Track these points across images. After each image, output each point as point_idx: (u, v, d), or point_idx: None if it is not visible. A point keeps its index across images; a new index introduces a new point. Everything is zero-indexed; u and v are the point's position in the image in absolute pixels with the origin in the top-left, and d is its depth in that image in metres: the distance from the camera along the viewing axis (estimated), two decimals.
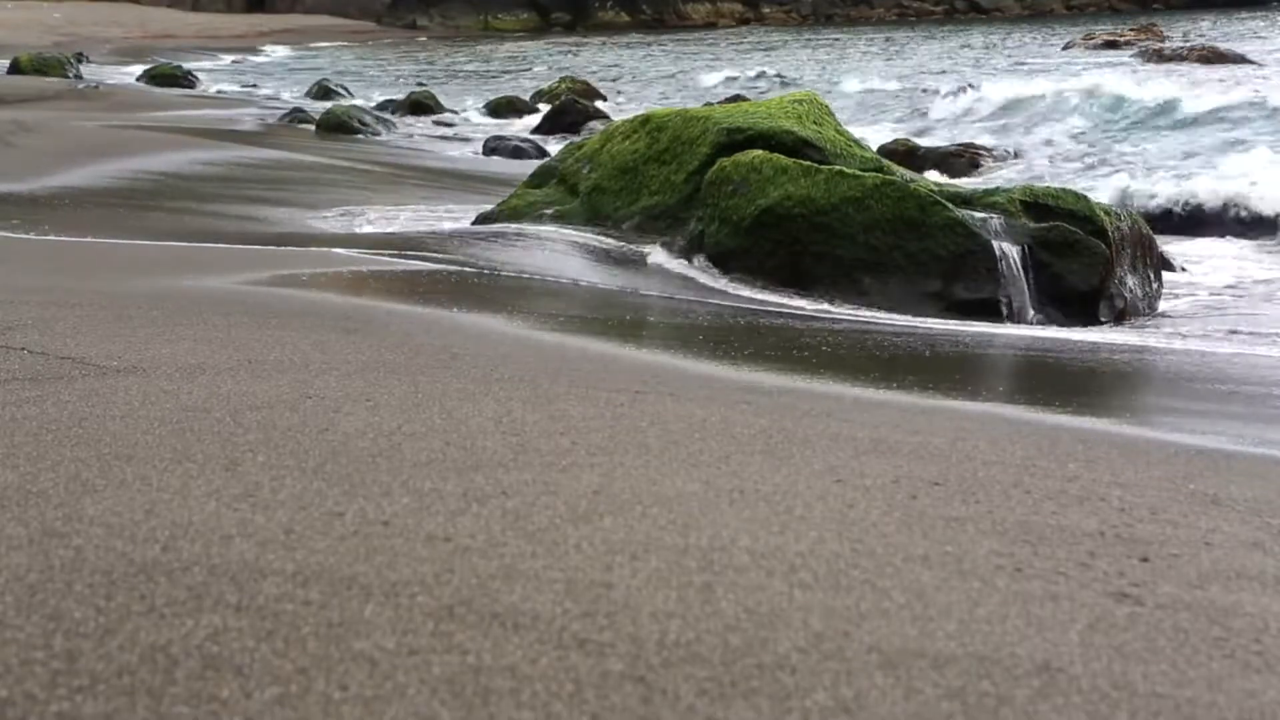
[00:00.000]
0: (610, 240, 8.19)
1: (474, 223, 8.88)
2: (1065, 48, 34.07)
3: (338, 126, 18.37)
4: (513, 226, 8.49)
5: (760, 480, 2.94)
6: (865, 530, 2.61)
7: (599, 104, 22.95)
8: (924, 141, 16.30)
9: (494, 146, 16.97)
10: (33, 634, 1.92)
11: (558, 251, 7.89)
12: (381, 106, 22.94)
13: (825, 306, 7.29)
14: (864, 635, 2.08)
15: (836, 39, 46.61)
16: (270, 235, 8.45)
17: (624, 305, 6.65)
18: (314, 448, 3.02)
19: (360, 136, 17.90)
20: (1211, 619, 2.26)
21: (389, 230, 9.16)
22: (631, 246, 8.12)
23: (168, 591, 2.10)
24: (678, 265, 7.88)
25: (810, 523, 2.63)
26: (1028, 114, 19.03)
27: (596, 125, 17.81)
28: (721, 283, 7.61)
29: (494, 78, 34.60)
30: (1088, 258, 7.63)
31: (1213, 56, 27.66)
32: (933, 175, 12.33)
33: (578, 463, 3.00)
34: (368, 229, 9.15)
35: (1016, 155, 15.50)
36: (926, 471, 3.12)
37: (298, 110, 20.50)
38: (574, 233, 8.28)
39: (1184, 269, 9.15)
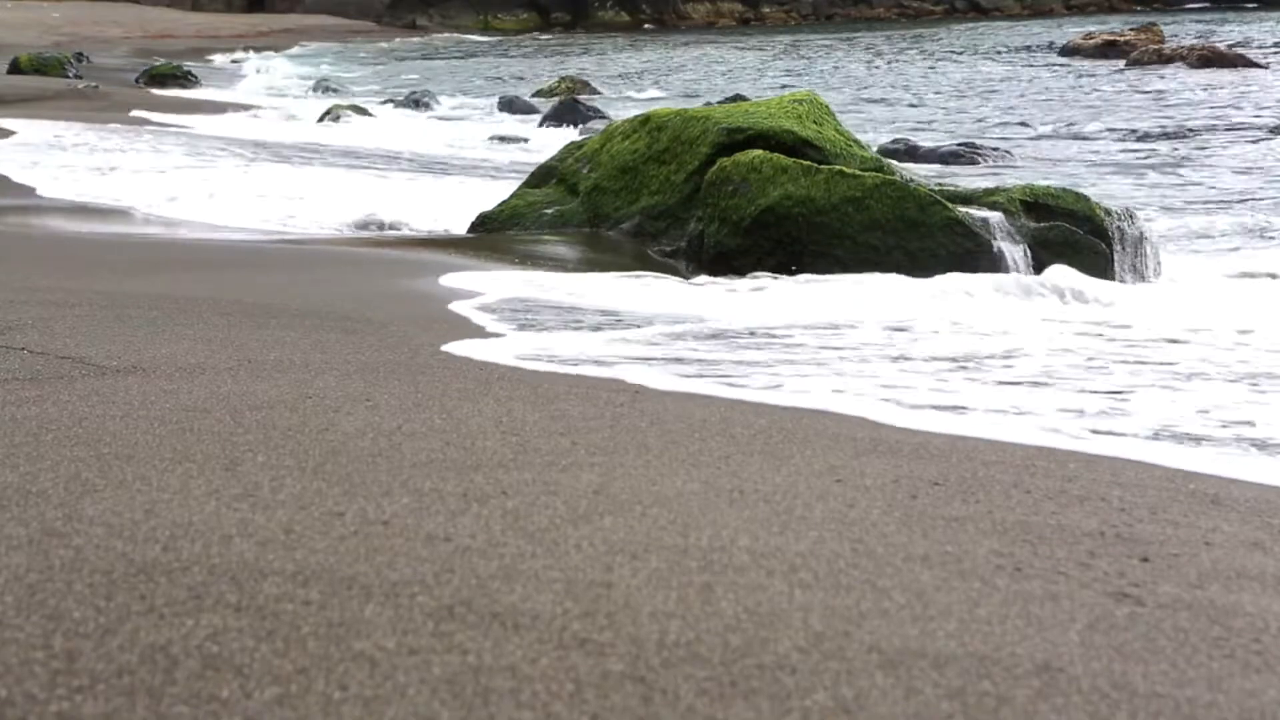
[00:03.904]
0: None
1: (474, 223, 8.87)
2: (1063, 51, 34.01)
3: (337, 124, 18.39)
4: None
5: (760, 480, 2.94)
6: (865, 530, 2.61)
7: (598, 103, 22.96)
8: (925, 141, 16.29)
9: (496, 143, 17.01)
10: (33, 634, 1.92)
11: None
12: (381, 104, 22.97)
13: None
14: (864, 635, 2.07)
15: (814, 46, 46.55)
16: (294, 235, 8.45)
17: None
18: (314, 448, 3.02)
19: None
20: (1211, 619, 2.26)
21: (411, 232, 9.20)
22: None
23: (168, 591, 2.10)
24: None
25: (810, 523, 2.63)
26: None
27: (596, 125, 17.80)
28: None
29: (494, 77, 34.61)
30: (1088, 257, 7.64)
31: (1213, 57, 27.60)
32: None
33: (578, 463, 3.00)
34: (392, 232, 9.23)
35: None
36: (926, 471, 3.12)
37: (303, 110, 20.52)
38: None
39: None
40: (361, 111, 19.99)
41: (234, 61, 41.38)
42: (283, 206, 9.89)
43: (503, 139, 17.78)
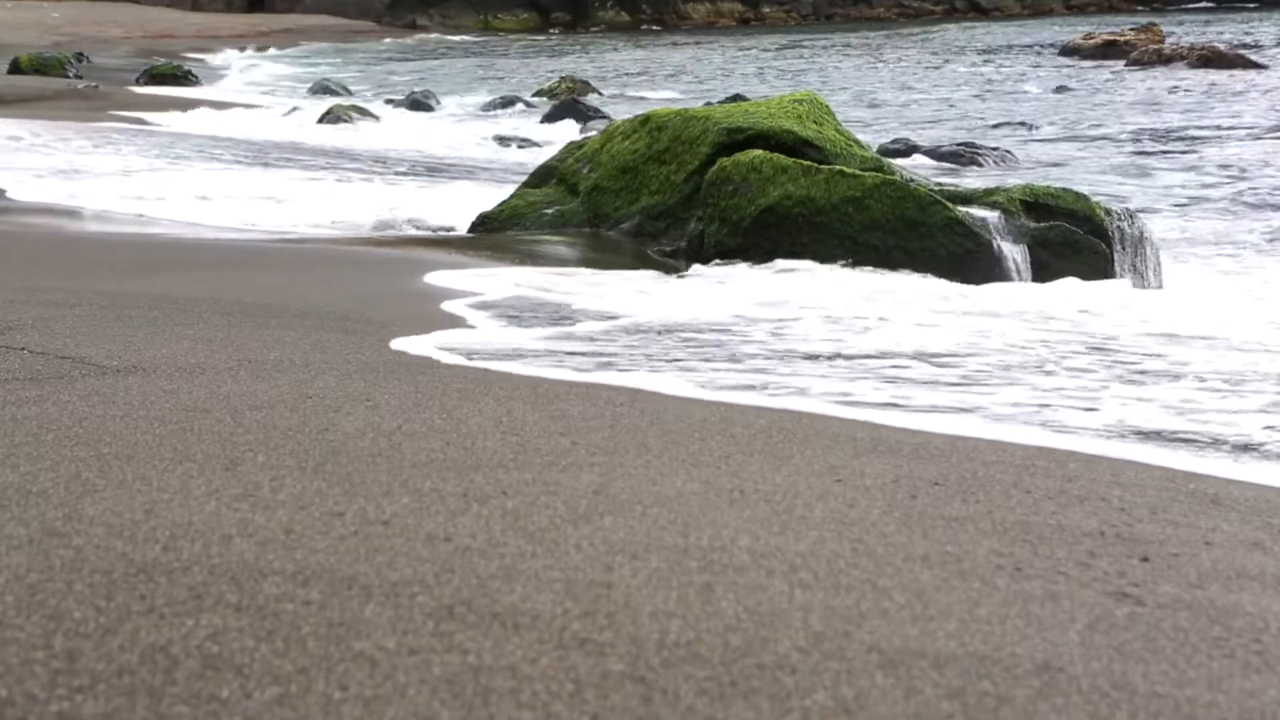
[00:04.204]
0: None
1: (474, 223, 8.88)
2: (1063, 51, 33.97)
3: (338, 123, 18.40)
4: None
5: (760, 480, 2.94)
6: (865, 530, 2.61)
7: (598, 103, 22.96)
8: (925, 141, 16.29)
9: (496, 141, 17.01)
10: (33, 634, 1.92)
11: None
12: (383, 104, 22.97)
13: None
14: (864, 635, 2.08)
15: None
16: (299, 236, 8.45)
17: None
18: (314, 448, 3.02)
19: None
20: (1211, 619, 2.26)
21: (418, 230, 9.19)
22: None
23: (168, 591, 2.10)
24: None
25: (810, 523, 2.63)
26: None
27: (597, 125, 17.80)
28: None
29: (494, 77, 34.59)
30: (1088, 258, 7.63)
31: (1213, 57, 27.58)
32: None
33: (578, 463, 3.00)
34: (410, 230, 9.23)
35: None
36: (926, 471, 3.12)
37: (298, 110, 20.53)
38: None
39: None
40: (362, 112, 19.99)
41: (234, 62, 41.35)
42: (274, 210, 9.87)
43: (503, 139, 17.77)
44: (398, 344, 4.62)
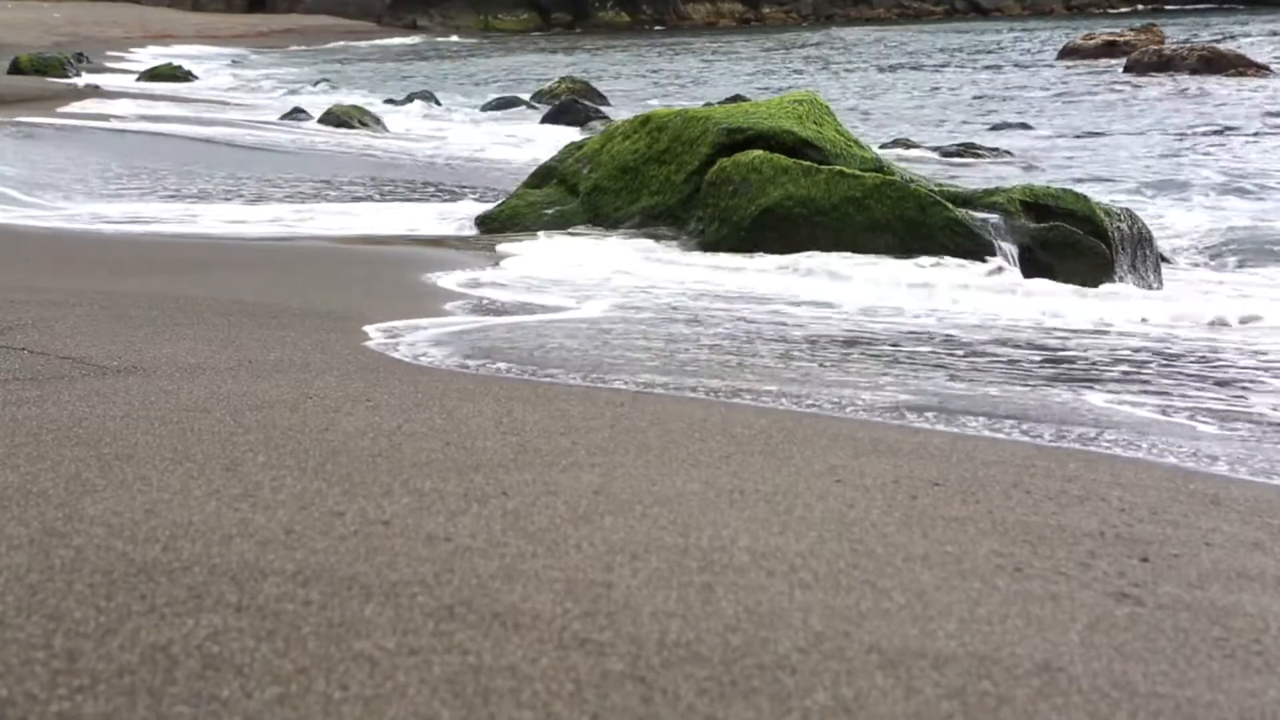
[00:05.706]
0: None
1: (475, 223, 8.88)
2: (1063, 52, 33.95)
3: (338, 124, 18.40)
4: None
5: (760, 480, 2.94)
6: (865, 530, 2.61)
7: (598, 104, 22.95)
8: (925, 141, 16.29)
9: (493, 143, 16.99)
10: (33, 634, 1.92)
11: None
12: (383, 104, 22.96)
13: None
14: (864, 635, 2.07)
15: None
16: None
17: None
18: (314, 448, 3.02)
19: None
20: (1211, 619, 2.26)
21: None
22: None
23: (168, 591, 2.10)
24: None
25: (810, 523, 2.63)
26: None
27: (597, 125, 17.79)
28: None
29: (494, 78, 34.58)
30: (1088, 258, 7.63)
31: (1214, 58, 27.53)
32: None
33: (578, 463, 3.00)
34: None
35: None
36: (926, 471, 3.12)
37: (299, 110, 20.52)
38: None
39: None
40: (361, 112, 19.97)
41: (234, 61, 41.35)
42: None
43: (503, 139, 17.76)
44: (396, 343, 4.62)
